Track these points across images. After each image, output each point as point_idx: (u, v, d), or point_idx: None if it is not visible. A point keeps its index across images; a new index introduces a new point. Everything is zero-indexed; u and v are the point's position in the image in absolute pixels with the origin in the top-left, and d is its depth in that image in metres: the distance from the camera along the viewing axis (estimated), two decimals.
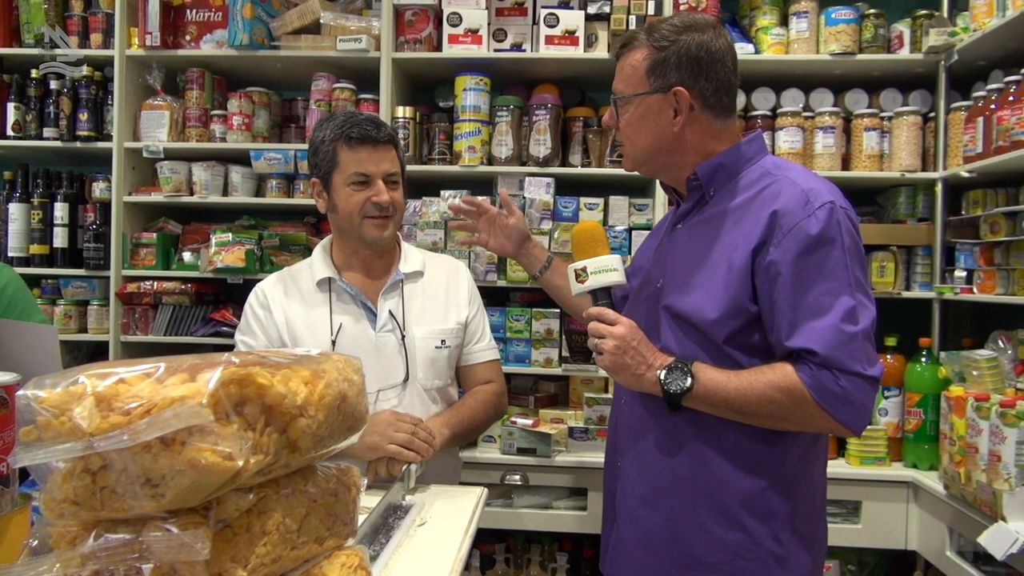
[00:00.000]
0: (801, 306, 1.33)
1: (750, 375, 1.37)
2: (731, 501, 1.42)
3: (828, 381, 1.31)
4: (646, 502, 1.49)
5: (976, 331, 2.56)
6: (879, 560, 2.60)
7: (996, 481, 1.86)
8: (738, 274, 1.37)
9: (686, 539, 1.44)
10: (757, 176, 1.45)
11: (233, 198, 2.82)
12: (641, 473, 1.50)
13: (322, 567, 0.79)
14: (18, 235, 2.84)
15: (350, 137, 1.75)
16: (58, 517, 0.65)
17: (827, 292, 1.32)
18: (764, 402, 1.35)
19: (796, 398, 1.33)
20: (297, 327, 1.79)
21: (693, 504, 1.44)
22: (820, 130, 2.62)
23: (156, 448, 0.62)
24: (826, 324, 1.31)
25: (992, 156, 2.18)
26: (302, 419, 0.72)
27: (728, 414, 1.39)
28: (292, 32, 2.72)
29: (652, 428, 1.48)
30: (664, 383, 1.39)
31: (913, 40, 2.60)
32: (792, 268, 1.33)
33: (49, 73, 2.83)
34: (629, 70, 1.49)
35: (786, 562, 1.43)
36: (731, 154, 1.48)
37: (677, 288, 1.46)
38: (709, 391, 1.37)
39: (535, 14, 2.69)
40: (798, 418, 1.36)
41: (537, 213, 2.61)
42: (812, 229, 1.33)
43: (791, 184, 1.39)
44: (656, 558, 1.47)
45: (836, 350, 1.30)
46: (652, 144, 1.50)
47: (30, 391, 0.64)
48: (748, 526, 1.41)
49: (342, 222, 1.80)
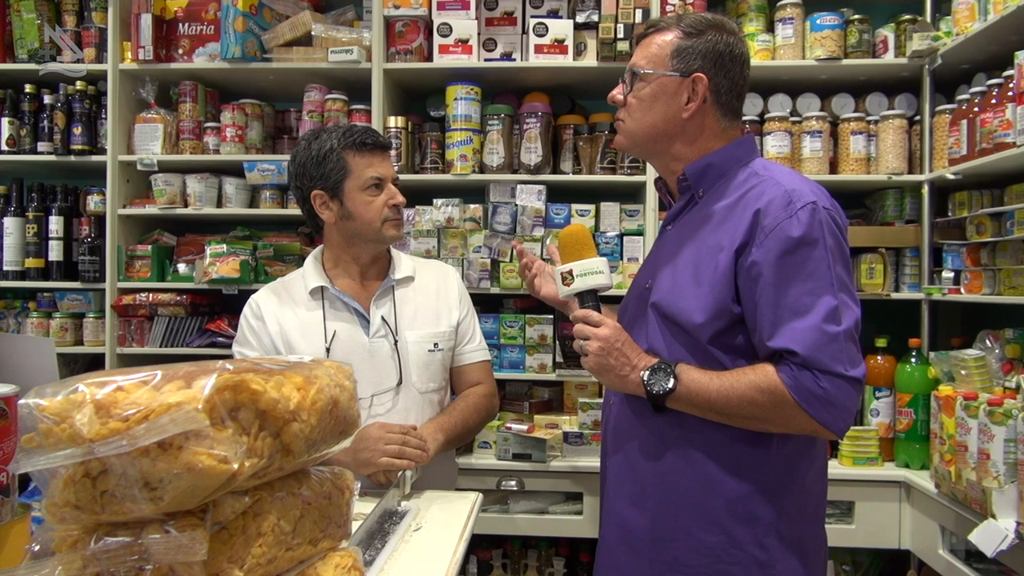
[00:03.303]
0: (783, 306, 1.32)
1: (732, 376, 1.36)
2: (714, 504, 1.41)
3: (809, 382, 1.30)
4: (632, 502, 1.49)
5: (965, 331, 2.59)
6: (873, 560, 2.62)
7: (985, 479, 1.88)
8: (722, 276, 1.38)
9: (669, 540, 1.44)
10: (744, 177, 1.46)
11: (227, 209, 2.84)
12: (627, 474, 1.51)
13: (316, 568, 0.81)
14: (13, 249, 2.85)
15: (363, 143, 1.80)
16: (60, 521, 0.67)
17: (809, 292, 1.31)
18: (745, 403, 1.34)
19: (777, 399, 1.32)
20: (292, 335, 1.82)
21: (677, 506, 1.43)
22: (807, 134, 2.65)
23: (154, 453, 0.64)
24: (807, 324, 1.30)
25: (976, 158, 2.21)
26: (295, 423, 0.74)
27: (711, 415, 1.39)
28: (284, 44, 2.75)
29: (638, 429, 1.49)
30: (647, 384, 1.39)
31: (897, 45, 2.63)
32: (774, 269, 1.33)
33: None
34: (655, 48, 1.49)
35: (770, 568, 1.41)
36: (721, 155, 1.49)
37: (665, 289, 1.46)
38: (692, 392, 1.37)
39: (524, 24, 2.72)
40: (779, 419, 1.35)
41: (529, 220, 2.63)
42: (794, 230, 1.33)
43: (775, 184, 1.40)
44: (638, 559, 1.47)
45: (817, 350, 1.29)
46: (657, 125, 1.49)
47: (32, 400, 0.66)
48: (731, 530, 1.40)
49: (360, 228, 1.82)
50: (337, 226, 1.85)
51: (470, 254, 2.66)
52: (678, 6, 2.63)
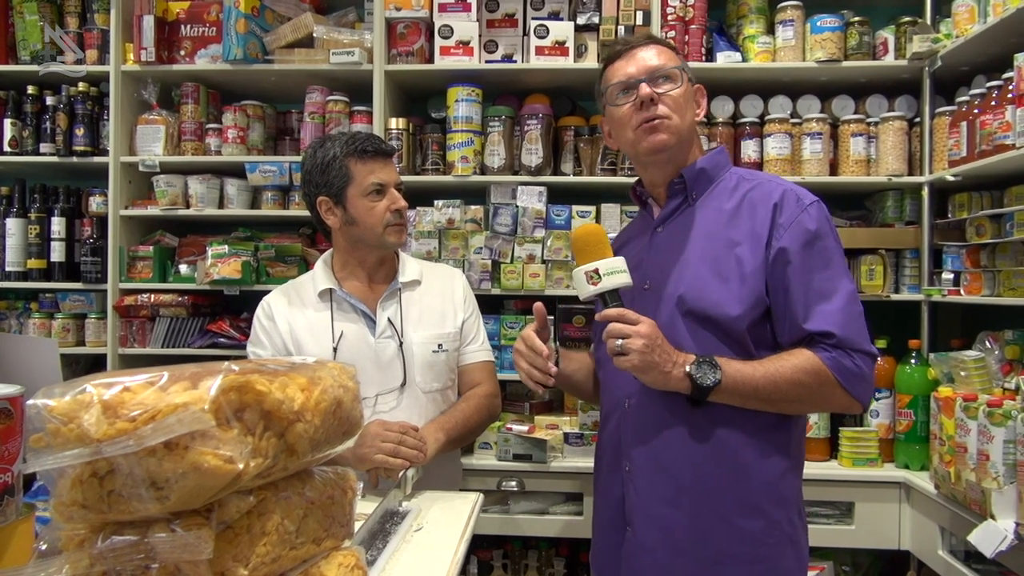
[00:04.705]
0: (811, 292, 1.43)
1: (773, 363, 1.43)
2: (752, 489, 1.47)
3: (846, 360, 1.41)
4: (667, 503, 1.49)
5: (964, 332, 2.59)
6: (873, 561, 2.62)
7: (985, 480, 1.88)
8: (752, 268, 1.45)
9: (712, 535, 1.47)
10: (734, 182, 1.56)
11: (229, 210, 2.85)
12: (658, 475, 1.50)
13: (320, 567, 0.81)
14: (15, 250, 2.86)
15: (364, 151, 1.84)
16: (67, 520, 0.68)
17: (829, 279, 1.44)
18: (793, 386, 1.42)
19: (821, 379, 1.41)
20: (301, 336, 1.88)
21: (716, 499, 1.47)
22: (808, 136, 2.65)
23: (160, 452, 0.65)
24: (835, 307, 1.42)
25: (976, 160, 2.22)
26: (299, 424, 0.75)
27: (753, 403, 1.44)
28: (285, 46, 2.76)
29: (667, 428, 1.49)
30: (695, 377, 1.40)
31: (897, 47, 2.64)
32: (799, 257, 1.44)
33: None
34: (670, 53, 1.57)
35: (797, 544, 1.51)
36: (710, 160, 1.58)
37: (687, 286, 1.49)
38: (738, 382, 1.41)
39: (525, 25, 2.73)
40: (819, 399, 1.45)
41: (530, 221, 2.64)
42: (810, 224, 1.45)
43: (776, 185, 1.51)
44: (683, 558, 1.48)
45: (848, 330, 1.42)
46: (692, 125, 1.58)
47: (40, 400, 0.67)
48: (769, 512, 1.47)
49: (363, 233, 1.87)
50: (342, 231, 1.90)
51: (471, 255, 2.66)
52: (678, 8, 2.64)
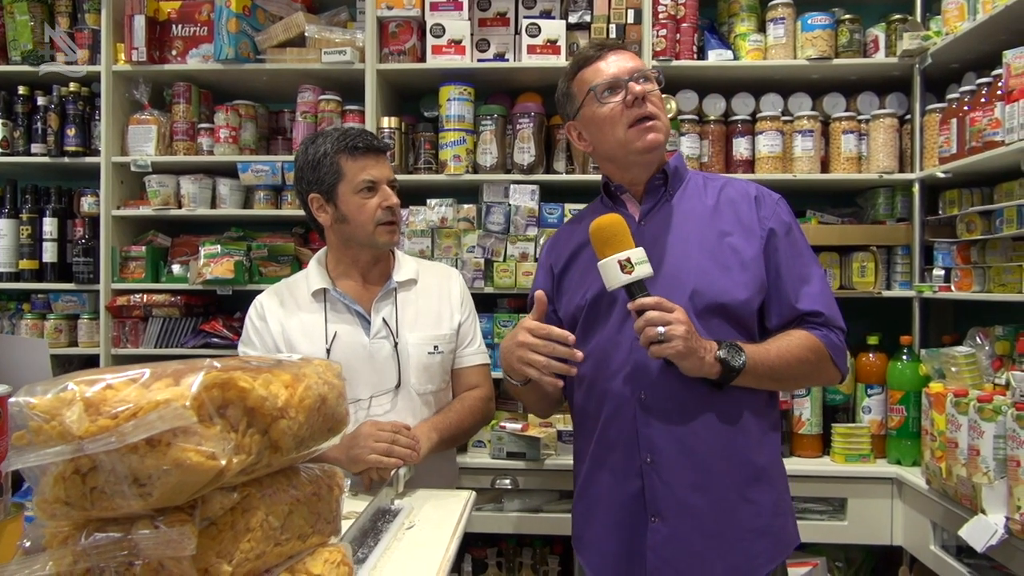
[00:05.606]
0: (795, 276, 1.56)
1: (779, 343, 1.52)
2: (763, 464, 1.55)
3: (833, 337, 1.55)
4: (695, 487, 1.51)
5: (955, 328, 2.60)
6: (866, 556, 2.63)
7: (975, 475, 1.89)
8: (751, 255, 1.54)
9: (735, 515, 1.51)
10: (702, 182, 1.66)
11: (221, 210, 2.85)
12: (684, 460, 1.51)
13: (306, 563, 0.82)
14: (7, 250, 2.86)
15: (355, 148, 1.81)
16: (50, 518, 0.68)
17: (806, 264, 1.58)
18: (800, 363, 1.51)
19: (820, 355, 1.53)
20: (293, 336, 1.85)
21: (738, 479, 1.52)
22: (799, 134, 2.66)
23: (143, 449, 0.65)
24: (816, 289, 1.55)
25: (966, 156, 2.22)
26: (283, 420, 0.75)
27: (766, 382, 1.52)
28: (277, 45, 2.76)
29: (693, 412, 1.51)
30: (728, 361, 1.44)
31: (888, 44, 2.65)
32: (784, 244, 1.56)
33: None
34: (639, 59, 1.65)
35: (792, 514, 1.62)
36: (678, 160, 1.68)
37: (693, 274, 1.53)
38: (758, 363, 1.47)
39: (517, 24, 2.73)
40: (816, 373, 1.57)
41: (522, 220, 2.64)
42: (785, 216, 1.59)
43: (744, 183, 1.65)
44: (712, 540, 1.51)
45: (830, 310, 1.56)
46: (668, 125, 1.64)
47: (22, 398, 0.67)
48: (778, 483, 1.58)
49: (354, 231, 1.84)
50: (333, 229, 1.87)
51: (464, 254, 2.66)
52: (670, 6, 2.64)
